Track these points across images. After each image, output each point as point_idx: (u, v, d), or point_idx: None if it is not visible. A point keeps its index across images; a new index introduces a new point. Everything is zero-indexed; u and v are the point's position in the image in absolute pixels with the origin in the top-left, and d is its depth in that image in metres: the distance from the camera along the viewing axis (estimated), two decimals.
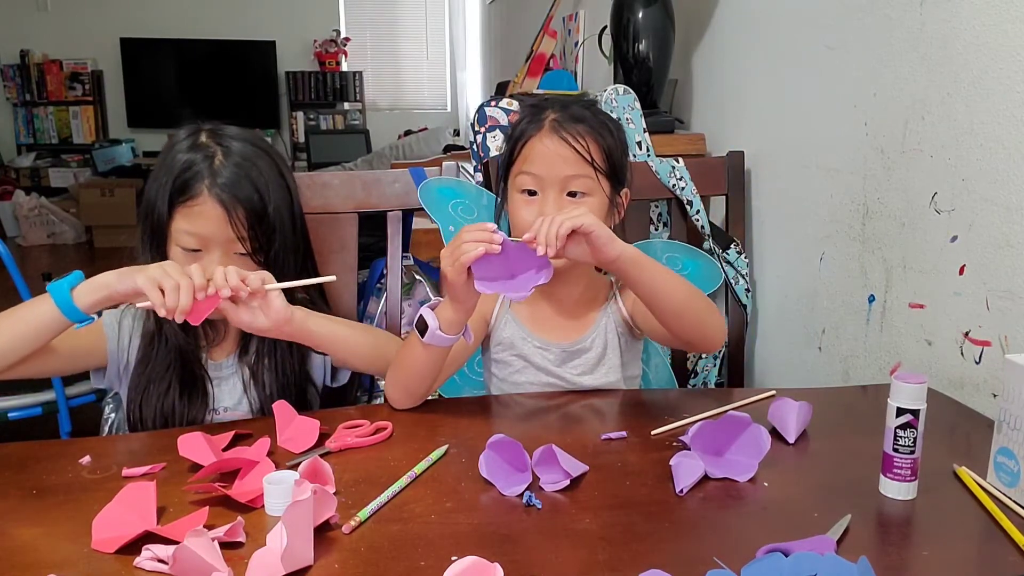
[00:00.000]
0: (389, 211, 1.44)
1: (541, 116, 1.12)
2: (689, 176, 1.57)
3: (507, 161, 1.15)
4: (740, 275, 1.59)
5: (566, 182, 1.09)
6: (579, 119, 1.11)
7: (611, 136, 1.12)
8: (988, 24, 1.04)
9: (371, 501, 0.81)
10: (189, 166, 1.07)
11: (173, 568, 0.68)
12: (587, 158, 1.09)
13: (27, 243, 5.73)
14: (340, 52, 6.98)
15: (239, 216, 1.06)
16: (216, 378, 1.16)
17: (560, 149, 1.09)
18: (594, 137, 1.10)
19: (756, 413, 0.97)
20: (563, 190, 1.10)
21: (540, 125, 1.11)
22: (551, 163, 1.09)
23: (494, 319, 1.20)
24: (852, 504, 0.81)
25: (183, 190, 1.06)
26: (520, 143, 1.12)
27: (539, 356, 1.17)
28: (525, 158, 1.11)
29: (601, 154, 1.10)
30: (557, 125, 1.10)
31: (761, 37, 1.62)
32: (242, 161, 1.09)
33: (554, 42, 2.98)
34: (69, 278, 0.98)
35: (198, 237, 1.07)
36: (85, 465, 0.92)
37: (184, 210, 1.06)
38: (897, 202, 1.22)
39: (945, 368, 1.14)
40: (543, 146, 1.10)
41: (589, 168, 1.09)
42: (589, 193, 1.10)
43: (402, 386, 1.07)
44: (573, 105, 1.14)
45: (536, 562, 0.72)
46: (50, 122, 6.75)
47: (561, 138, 1.09)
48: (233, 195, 1.06)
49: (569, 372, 1.17)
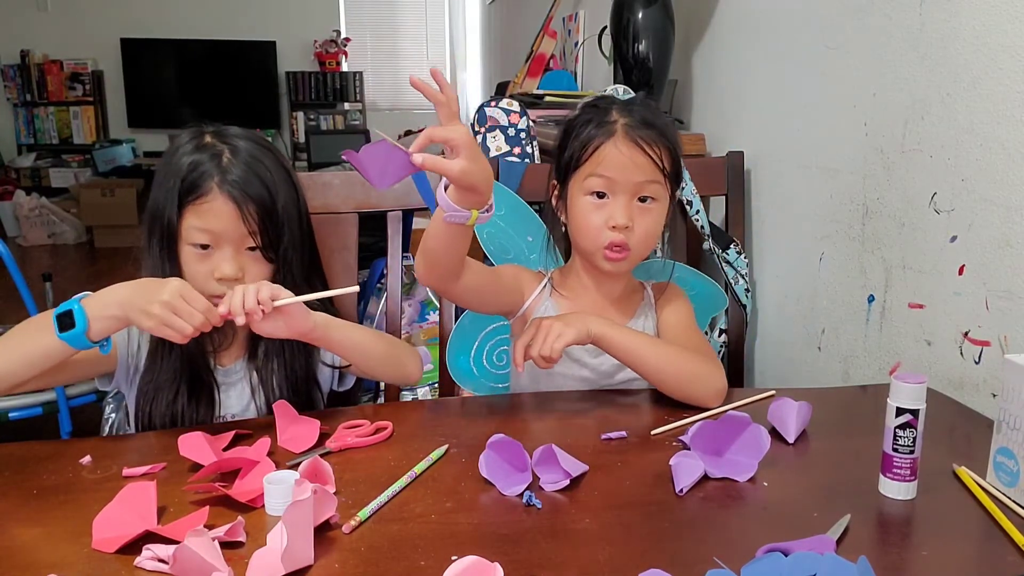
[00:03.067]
0: (389, 211, 1.44)
1: (608, 120, 1.13)
2: (689, 176, 1.57)
3: (571, 164, 1.15)
4: (740, 275, 1.59)
5: (639, 188, 1.12)
6: (648, 123, 1.13)
7: (675, 140, 1.16)
8: (988, 24, 1.04)
9: (371, 501, 0.81)
10: (196, 166, 1.07)
11: (173, 568, 0.68)
12: (659, 165, 1.12)
13: (27, 243, 5.74)
14: (340, 52, 6.98)
15: (250, 211, 1.06)
16: (224, 384, 1.15)
17: (635, 155, 1.11)
18: (664, 144, 1.13)
19: (756, 413, 0.97)
20: (634, 195, 1.12)
21: (611, 130, 1.12)
22: (625, 169, 1.11)
23: (529, 303, 1.21)
24: (852, 504, 0.81)
25: (192, 189, 1.06)
26: (590, 147, 1.13)
27: (575, 347, 1.17)
28: (597, 162, 1.12)
29: (670, 159, 1.14)
30: (630, 130, 1.12)
31: (761, 37, 1.62)
32: (250, 159, 1.09)
33: (554, 42, 2.98)
34: (79, 316, 0.96)
35: (209, 234, 1.06)
36: (85, 465, 0.92)
37: (194, 208, 1.06)
38: (897, 202, 1.23)
39: (945, 368, 1.14)
40: (618, 151, 1.11)
41: (660, 175, 1.12)
42: (658, 199, 1.14)
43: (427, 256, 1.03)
44: (635, 107, 1.16)
45: (536, 562, 0.72)
46: (50, 122, 6.76)
47: (636, 144, 1.11)
48: (244, 191, 1.06)
49: (603, 365, 1.19)
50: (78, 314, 0.96)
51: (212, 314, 0.96)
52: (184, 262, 1.08)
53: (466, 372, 1.36)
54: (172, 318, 0.94)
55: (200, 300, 0.96)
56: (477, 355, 1.37)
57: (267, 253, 1.09)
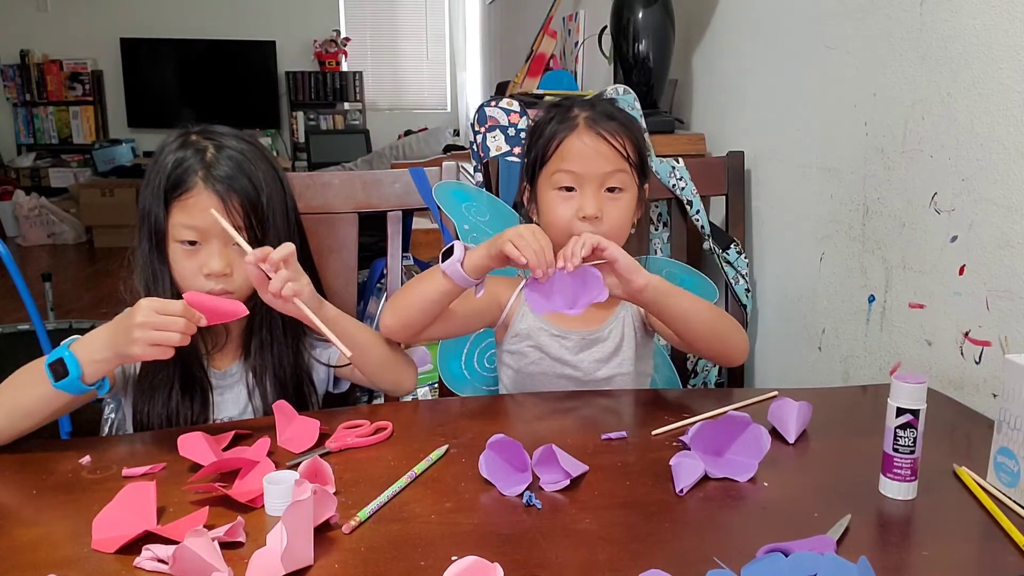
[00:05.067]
0: (389, 211, 1.44)
1: (571, 115, 1.15)
2: (689, 176, 1.57)
3: (537, 161, 1.17)
4: (740, 275, 1.59)
5: (605, 178, 1.13)
6: (611, 116, 1.15)
7: (639, 133, 1.17)
8: (988, 24, 1.04)
9: (371, 501, 0.81)
10: (180, 163, 1.07)
11: (173, 568, 0.68)
12: (623, 154, 1.13)
13: (27, 243, 5.74)
14: (340, 52, 6.98)
15: (235, 205, 1.07)
16: (221, 387, 1.15)
17: (599, 146, 1.12)
18: (627, 134, 1.14)
19: (756, 413, 0.97)
20: (602, 186, 1.13)
21: (574, 124, 1.14)
22: (590, 160, 1.12)
23: (508, 309, 1.21)
24: (852, 504, 0.81)
25: (177, 185, 1.06)
26: (554, 142, 1.14)
27: (556, 345, 1.19)
28: (562, 156, 1.14)
29: (634, 150, 1.14)
30: (592, 122, 1.13)
31: (761, 37, 1.62)
32: (234, 153, 1.09)
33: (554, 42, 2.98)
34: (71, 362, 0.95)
35: (195, 230, 1.07)
36: (85, 465, 0.92)
37: (180, 204, 1.07)
38: (897, 202, 1.22)
39: (945, 368, 1.14)
40: (582, 143, 1.13)
41: (626, 164, 1.13)
42: (625, 188, 1.15)
43: (399, 312, 1.10)
44: (597, 103, 1.18)
45: (536, 562, 0.72)
46: (50, 122, 6.75)
47: (599, 135, 1.12)
48: (228, 185, 1.06)
49: (584, 361, 1.19)
50: (70, 361, 0.95)
51: (190, 313, 0.96)
52: (173, 260, 1.09)
53: (458, 376, 1.36)
54: (155, 334, 0.93)
55: (174, 304, 0.95)
56: (468, 359, 1.37)
57: (253, 247, 1.09)
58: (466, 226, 1.41)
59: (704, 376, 1.58)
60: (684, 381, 1.52)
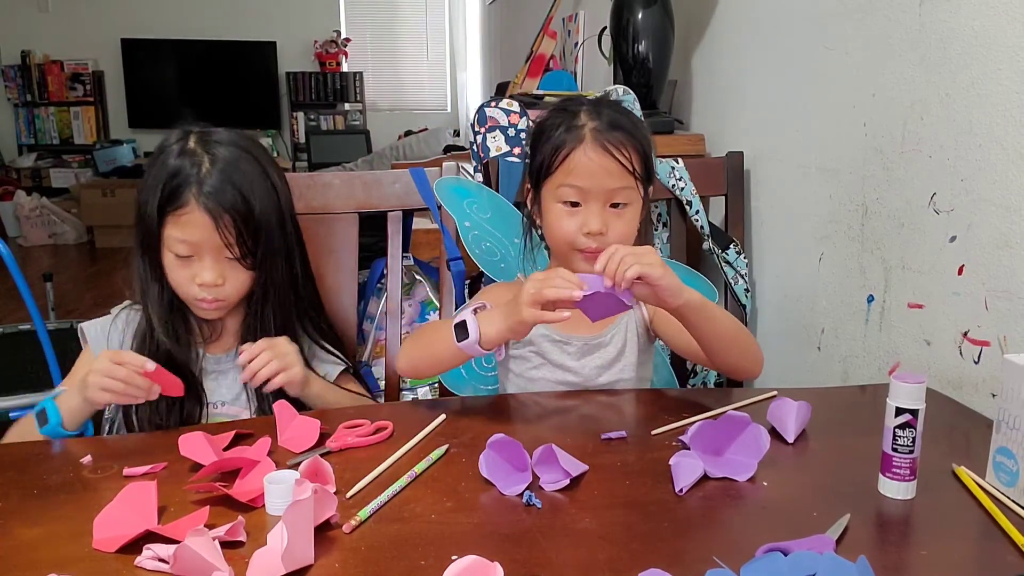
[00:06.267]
0: (389, 211, 1.44)
1: (577, 124, 1.12)
2: (688, 176, 1.57)
3: (543, 170, 1.14)
4: (739, 275, 1.59)
5: (611, 195, 1.11)
6: (616, 125, 1.11)
7: (645, 139, 1.14)
8: (987, 25, 1.04)
9: (371, 501, 0.81)
10: (177, 173, 1.09)
11: (174, 567, 0.69)
12: (629, 168, 1.10)
13: (28, 243, 5.74)
14: (340, 53, 6.98)
15: (226, 223, 1.09)
16: (215, 372, 1.19)
17: (604, 162, 1.09)
18: (634, 145, 1.11)
19: (755, 413, 0.97)
20: (607, 202, 1.11)
21: (580, 135, 1.11)
22: (596, 177, 1.10)
23: None
24: (851, 504, 0.81)
25: (172, 199, 1.09)
26: (560, 154, 1.11)
27: (558, 351, 1.18)
28: (568, 171, 1.11)
29: (640, 161, 1.12)
30: (598, 135, 1.10)
31: (761, 37, 1.62)
32: (226, 167, 1.11)
33: (554, 43, 2.98)
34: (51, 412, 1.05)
35: (188, 244, 1.10)
36: (86, 465, 0.92)
37: (173, 218, 1.10)
38: (896, 202, 1.23)
39: (944, 368, 1.14)
40: (587, 159, 1.10)
41: (632, 179, 1.11)
42: (630, 203, 1.13)
43: (415, 364, 1.12)
44: (604, 108, 1.14)
45: (536, 562, 0.72)
46: (51, 122, 6.76)
47: (605, 150, 1.09)
48: (218, 203, 1.09)
49: (586, 368, 1.18)
50: (51, 410, 1.04)
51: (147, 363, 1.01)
52: (167, 268, 1.13)
53: (457, 376, 1.36)
54: (115, 383, 1.00)
55: (130, 355, 1.02)
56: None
57: (245, 261, 1.12)
58: (467, 223, 1.41)
59: (704, 376, 1.58)
60: (683, 382, 1.52)
